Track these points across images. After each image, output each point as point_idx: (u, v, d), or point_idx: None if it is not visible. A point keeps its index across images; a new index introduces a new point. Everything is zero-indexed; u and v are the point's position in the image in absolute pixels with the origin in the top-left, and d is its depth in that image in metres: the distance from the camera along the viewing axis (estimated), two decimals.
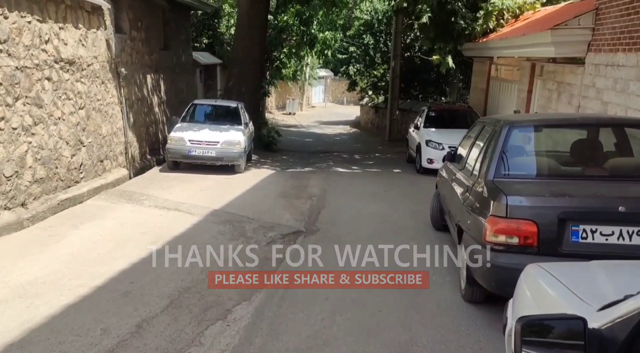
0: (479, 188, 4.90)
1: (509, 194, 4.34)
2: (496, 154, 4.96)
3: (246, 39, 15.94)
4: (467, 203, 5.09)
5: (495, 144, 5.06)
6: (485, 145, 5.45)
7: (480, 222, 4.52)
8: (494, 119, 5.85)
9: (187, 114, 12.86)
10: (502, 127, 5.18)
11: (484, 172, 4.98)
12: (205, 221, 7.55)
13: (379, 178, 12.36)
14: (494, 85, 15.31)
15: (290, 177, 11.96)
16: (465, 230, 4.99)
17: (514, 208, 4.27)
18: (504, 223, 4.28)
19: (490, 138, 5.36)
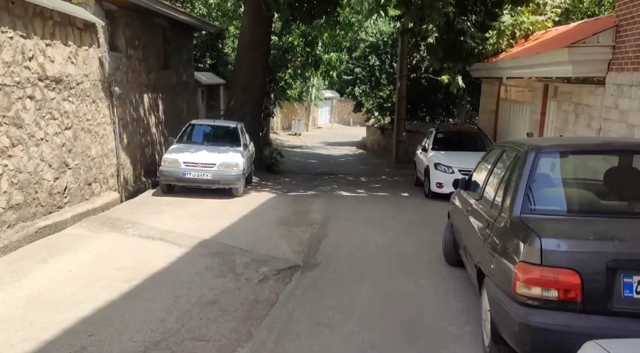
0: (504, 226, 4.06)
1: (543, 235, 3.50)
2: (522, 185, 4.13)
3: (248, 59, 15.29)
4: (488, 242, 4.25)
5: (521, 173, 4.23)
6: (507, 173, 4.63)
7: (507, 269, 3.68)
8: (516, 143, 5.02)
9: (184, 135, 12.12)
10: (527, 153, 4.36)
11: (508, 206, 4.14)
12: (192, 253, 6.72)
13: (385, 202, 11.52)
14: (504, 106, 14.52)
15: (291, 201, 11.15)
16: (488, 276, 4.14)
17: (551, 253, 3.43)
18: (538, 272, 3.43)
19: (514, 164, 4.54)
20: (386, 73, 23.75)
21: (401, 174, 17.06)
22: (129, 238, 7.38)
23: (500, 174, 4.89)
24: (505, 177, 4.64)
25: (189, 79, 17.59)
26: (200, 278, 5.76)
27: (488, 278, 4.13)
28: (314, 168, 18.56)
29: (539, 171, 4.30)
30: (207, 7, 24.39)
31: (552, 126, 10.77)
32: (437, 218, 9.41)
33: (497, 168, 5.15)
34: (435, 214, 9.95)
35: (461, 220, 5.76)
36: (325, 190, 13.34)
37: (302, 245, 7.44)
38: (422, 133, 18.83)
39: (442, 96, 20.38)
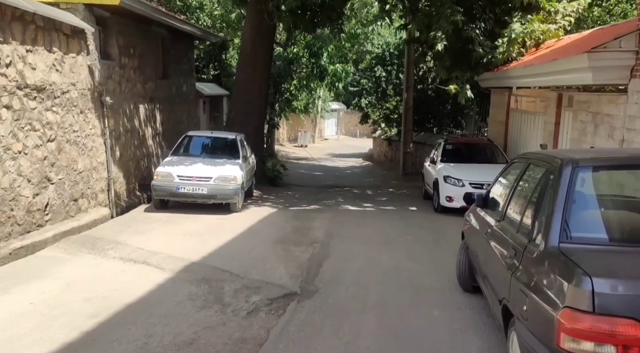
0: (538, 257, 3.25)
1: (595, 274, 2.69)
2: (558, 207, 3.31)
3: (250, 69, 14.58)
4: (517, 275, 3.43)
5: (556, 192, 3.42)
6: (536, 191, 3.82)
7: (546, 314, 2.86)
8: (545, 156, 4.20)
9: (179, 147, 11.39)
10: (562, 167, 3.55)
11: (541, 232, 3.33)
12: (176, 279, 5.93)
13: (392, 218, 10.69)
14: (515, 117, 13.71)
15: (292, 217, 10.35)
16: (519, 318, 3.32)
17: (605, 297, 2.62)
18: (589, 322, 2.62)
19: (545, 181, 3.73)
20: (392, 84, 23.02)
21: (409, 187, 16.23)
22: (108, 261, 6.60)
23: (527, 192, 4.09)
24: (534, 196, 3.83)
25: (190, 90, 16.92)
26: (181, 310, 4.96)
27: (519, 321, 3.31)
28: (319, 181, 17.77)
29: (578, 189, 3.49)
30: (212, 18, 23.82)
31: (568, 137, 9.94)
32: (449, 236, 8.59)
33: (523, 184, 4.34)
34: (446, 231, 9.13)
35: (479, 243, 4.94)
36: (329, 204, 12.54)
37: (301, 268, 6.63)
38: (430, 145, 18.01)
39: (449, 107, 19.59)
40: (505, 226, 4.16)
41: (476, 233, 5.14)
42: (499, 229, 4.25)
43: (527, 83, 10.57)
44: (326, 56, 23.34)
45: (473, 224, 5.44)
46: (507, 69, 11.30)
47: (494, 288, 4.10)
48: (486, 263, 4.48)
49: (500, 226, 4.26)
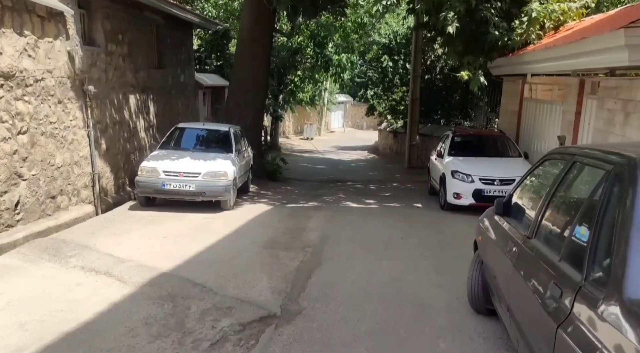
0: (605, 312, 2.12)
1: None
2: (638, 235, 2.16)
3: (248, 57, 13.48)
4: (569, 331, 2.29)
5: (632, 209, 2.24)
6: (592, 204, 2.62)
7: None
8: (600, 152, 2.95)
9: (168, 140, 10.35)
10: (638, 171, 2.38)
11: (609, 272, 2.19)
12: (137, 296, 4.90)
13: (395, 216, 9.60)
14: (528, 107, 12.50)
15: (288, 215, 9.29)
16: None
17: None
18: None
19: (607, 190, 2.52)
20: (399, 74, 21.80)
21: (414, 181, 15.10)
22: (66, 271, 5.58)
23: (576, 204, 2.95)
24: (587, 210, 2.66)
25: (188, 80, 15.87)
26: (130, 340, 3.93)
27: None
28: (321, 175, 16.69)
29: None
30: (217, 8, 22.70)
31: (591, 128, 8.77)
32: (456, 238, 7.49)
33: (566, 191, 3.20)
34: (453, 233, 8.02)
35: (498, 261, 3.84)
36: (329, 201, 11.46)
37: (286, 280, 5.57)
38: (437, 137, 16.84)
39: (458, 98, 18.37)
40: (539, 247, 3.04)
41: (494, 248, 4.04)
42: (530, 249, 3.14)
43: (547, 69, 9.37)
44: (332, 45, 22.16)
45: (490, 235, 4.33)
46: (523, 53, 10.09)
47: (523, 332, 2.99)
48: (510, 292, 3.37)
49: (532, 246, 3.15)
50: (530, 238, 3.21)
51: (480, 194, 9.72)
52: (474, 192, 9.73)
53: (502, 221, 4.08)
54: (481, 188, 9.73)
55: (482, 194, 9.70)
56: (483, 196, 9.70)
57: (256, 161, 13.65)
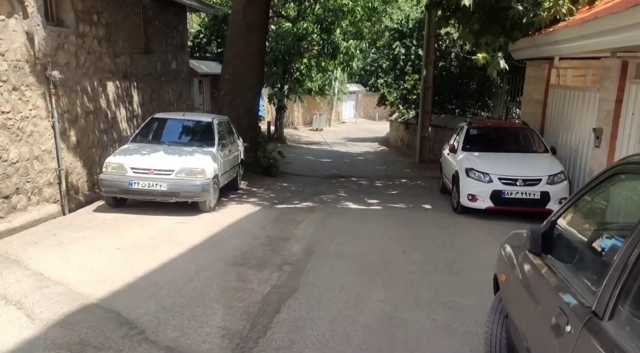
0: None
1: None
2: None
3: (241, 41, 12.10)
4: None
5: None
6: None
7: None
8: None
9: (142, 132, 9.05)
10: None
11: None
12: (35, 343, 3.60)
13: (399, 222, 8.20)
14: (556, 95, 10.94)
15: (274, 220, 7.95)
16: None
17: None
18: None
19: None
20: (411, 61, 20.23)
21: (425, 177, 13.66)
22: None
23: None
24: None
25: (181, 68, 14.55)
26: None
27: None
28: (324, 169, 15.29)
29: None
30: None
31: (635, 118, 7.25)
32: (472, 255, 6.08)
33: None
34: (468, 246, 6.61)
35: (534, 330, 2.43)
36: (327, 200, 10.08)
37: (247, 316, 4.23)
38: (451, 129, 15.33)
39: (474, 86, 16.78)
40: (620, 342, 1.63)
41: (527, 305, 2.62)
42: (602, 345, 1.71)
43: (582, 48, 7.81)
44: (339, 31, 20.66)
45: (519, 280, 2.90)
46: (553, 31, 8.55)
47: None
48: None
49: (607, 337, 1.71)
50: (602, 318, 1.78)
51: (499, 196, 8.28)
52: (493, 194, 8.29)
53: (540, 264, 2.65)
54: (501, 188, 8.28)
55: (502, 197, 8.26)
56: (503, 199, 8.26)
57: (250, 155, 12.34)
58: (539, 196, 8.20)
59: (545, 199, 8.20)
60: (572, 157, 9.68)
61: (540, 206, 8.26)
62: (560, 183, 8.34)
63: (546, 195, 8.19)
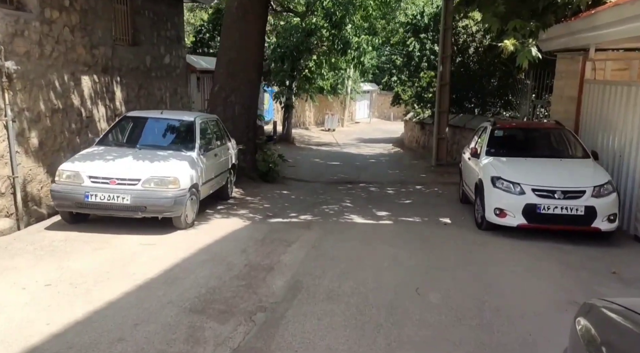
0: None
1: None
2: None
3: (237, 32, 10.64)
4: None
5: None
6: None
7: None
8: None
9: (110, 134, 7.62)
10: None
11: None
12: None
13: (413, 243, 6.66)
14: (593, 92, 9.26)
15: (261, 239, 6.46)
16: None
17: None
18: None
19: None
20: (426, 57, 18.60)
21: (442, 183, 12.07)
22: None
23: None
24: None
25: (176, 63, 13.16)
26: None
27: None
28: (331, 173, 13.76)
29: None
30: None
31: None
32: (507, 299, 4.52)
33: None
34: (500, 282, 5.05)
35: None
36: (329, 212, 8.57)
37: None
38: (471, 129, 13.70)
39: (495, 82, 15.10)
40: None
41: None
42: None
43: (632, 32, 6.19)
44: (350, 27, 19.10)
45: None
46: (595, 13, 6.94)
47: None
48: None
49: None
50: None
51: (534, 211, 6.69)
52: (525, 208, 6.70)
53: None
54: (536, 202, 6.69)
55: (537, 212, 6.67)
56: (538, 215, 6.67)
57: (247, 159, 10.89)
58: (583, 211, 6.59)
59: (591, 215, 6.58)
60: (616, 162, 8.04)
61: (585, 224, 6.66)
62: (608, 196, 6.72)
63: (592, 210, 6.58)
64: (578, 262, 5.88)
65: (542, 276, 5.36)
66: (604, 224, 6.64)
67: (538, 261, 5.84)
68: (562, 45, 9.16)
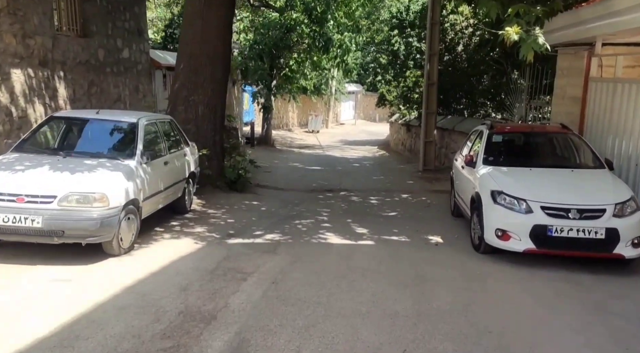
0: None
1: None
2: None
3: (199, 21, 9.26)
4: None
5: None
6: None
7: None
8: None
9: (30, 138, 6.20)
10: None
11: None
12: None
13: (398, 274, 5.36)
14: (599, 91, 8.07)
15: (211, 270, 5.12)
16: None
17: None
18: None
19: None
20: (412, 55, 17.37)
21: (430, 191, 10.82)
22: None
23: None
24: None
25: (138, 58, 11.77)
26: None
27: None
28: (311, 180, 12.40)
29: None
30: None
31: None
32: None
33: None
34: (511, 335, 3.75)
35: None
36: (301, 229, 7.24)
37: None
38: (461, 132, 12.50)
39: (487, 82, 13.89)
40: None
41: None
42: None
43: None
44: (333, 24, 17.78)
45: None
46: None
47: None
48: None
49: None
50: None
51: (544, 234, 5.43)
52: (534, 230, 5.45)
53: None
54: (546, 223, 5.43)
55: (549, 235, 5.41)
56: (549, 238, 5.42)
57: (213, 165, 9.52)
58: (604, 234, 5.34)
59: (613, 239, 5.34)
60: (631, 171, 6.85)
61: (605, 250, 5.42)
62: (632, 215, 5.49)
63: (614, 233, 5.33)
64: (603, 303, 4.62)
65: (563, 325, 4.09)
66: (628, 250, 5.40)
67: (556, 303, 4.58)
68: (566, 38, 7.93)
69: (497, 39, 6.82)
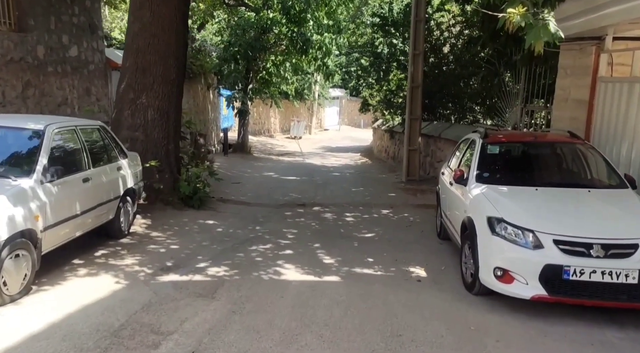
0: None
1: None
2: None
3: (147, 10, 7.87)
4: None
5: None
6: None
7: None
8: None
9: None
10: None
11: None
12: None
13: (369, 329, 4.00)
14: (610, 92, 6.78)
15: (110, 334, 3.74)
16: None
17: None
18: None
19: None
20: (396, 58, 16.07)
21: (413, 206, 9.48)
22: None
23: None
24: None
25: (90, 56, 10.34)
26: None
27: None
28: (283, 192, 10.97)
29: None
30: None
31: None
32: None
33: None
34: None
35: None
36: (255, 260, 5.84)
37: None
38: (448, 140, 11.19)
39: (476, 84, 12.60)
40: None
41: None
42: None
43: None
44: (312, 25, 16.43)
45: None
46: None
47: None
48: None
49: None
50: None
51: (559, 277, 4.08)
52: (545, 271, 4.11)
53: None
54: (561, 262, 4.08)
55: (565, 278, 4.06)
56: (566, 283, 4.08)
57: (164, 179, 8.09)
58: (637, 278, 4.01)
59: None
60: None
61: (637, 299, 4.09)
62: None
63: None
64: None
65: None
66: None
67: None
68: (572, 29, 6.65)
69: (489, 34, 5.52)
